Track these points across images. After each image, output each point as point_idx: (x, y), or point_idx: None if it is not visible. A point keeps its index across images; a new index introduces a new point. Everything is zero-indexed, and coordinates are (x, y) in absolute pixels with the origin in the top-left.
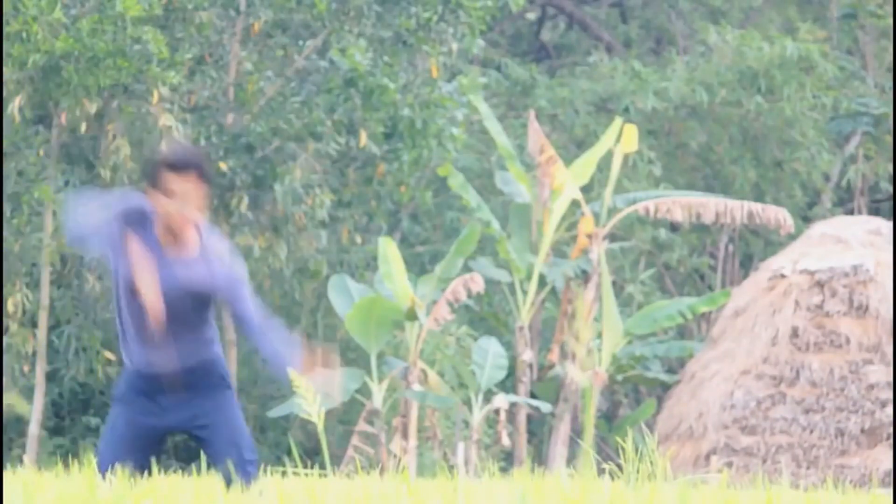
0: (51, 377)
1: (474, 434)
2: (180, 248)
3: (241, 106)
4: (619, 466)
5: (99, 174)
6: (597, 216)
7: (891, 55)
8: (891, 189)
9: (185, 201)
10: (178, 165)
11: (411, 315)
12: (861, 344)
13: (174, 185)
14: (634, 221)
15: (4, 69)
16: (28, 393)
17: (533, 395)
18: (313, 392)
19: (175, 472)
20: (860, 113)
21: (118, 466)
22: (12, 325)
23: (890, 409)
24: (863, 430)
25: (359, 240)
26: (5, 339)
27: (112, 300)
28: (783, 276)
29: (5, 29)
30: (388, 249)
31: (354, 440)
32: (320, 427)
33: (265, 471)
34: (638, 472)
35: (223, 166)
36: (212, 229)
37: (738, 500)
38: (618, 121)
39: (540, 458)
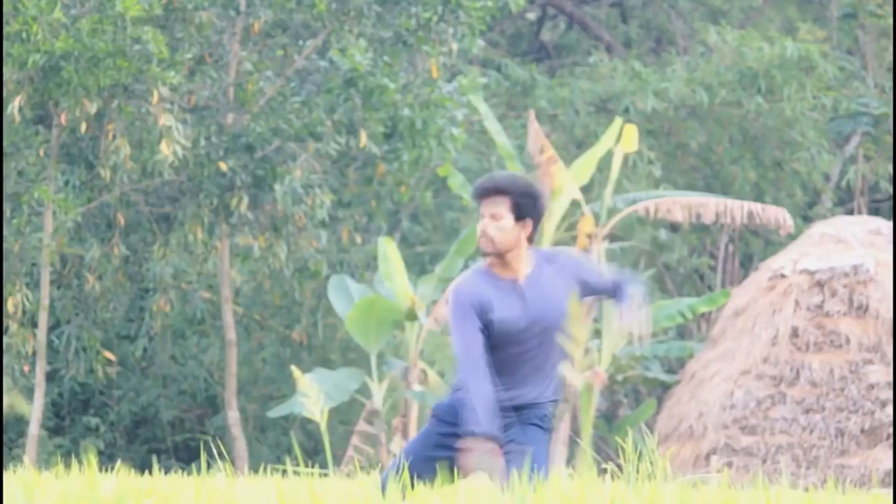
0: (51, 377)
1: None
2: (516, 275)
3: (241, 106)
4: (619, 466)
5: (99, 174)
6: (597, 216)
7: (891, 55)
8: (891, 189)
9: (487, 227)
10: (475, 193)
11: (411, 315)
12: (861, 344)
13: (481, 210)
14: (634, 221)
15: (4, 69)
16: (28, 393)
17: None
18: None
19: (175, 472)
20: (860, 113)
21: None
22: (12, 325)
23: (890, 409)
24: (863, 430)
25: (359, 240)
26: (5, 339)
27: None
28: (783, 276)
29: (5, 29)
30: (388, 249)
31: (354, 440)
32: (323, 426)
33: (265, 471)
34: (638, 472)
35: (223, 166)
36: (553, 255)
37: (738, 500)
38: (618, 121)
39: None
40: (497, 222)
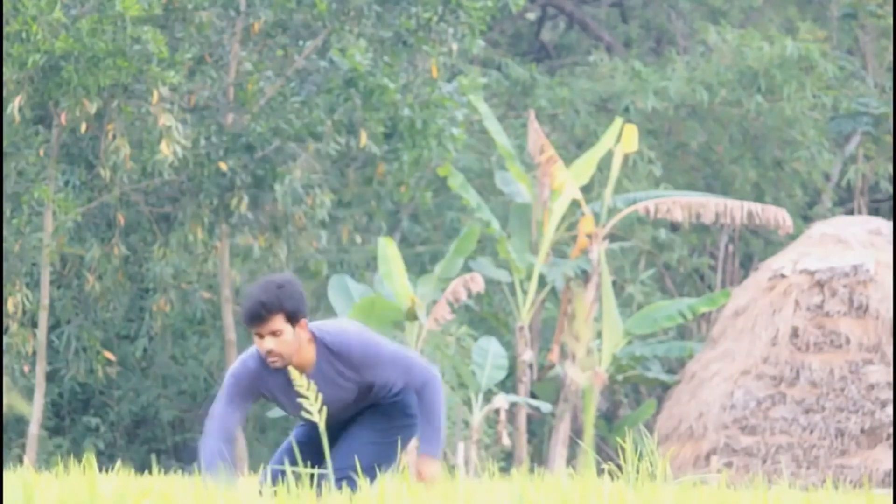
0: (51, 377)
1: (474, 434)
2: (302, 370)
3: (241, 106)
4: (619, 466)
5: (99, 174)
6: (597, 216)
7: (891, 55)
8: (891, 189)
9: (272, 346)
10: (247, 321)
11: (411, 315)
12: (861, 344)
13: (257, 336)
14: (634, 221)
15: (4, 69)
16: (28, 393)
17: (533, 395)
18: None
19: (175, 472)
20: (860, 113)
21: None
22: (12, 325)
23: (890, 409)
24: (863, 430)
25: (359, 240)
26: (5, 339)
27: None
28: (783, 276)
29: (5, 29)
30: (388, 249)
31: None
32: (322, 427)
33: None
34: (638, 472)
35: (223, 166)
36: (339, 351)
37: (738, 500)
38: (618, 121)
39: (540, 458)
40: (279, 337)
